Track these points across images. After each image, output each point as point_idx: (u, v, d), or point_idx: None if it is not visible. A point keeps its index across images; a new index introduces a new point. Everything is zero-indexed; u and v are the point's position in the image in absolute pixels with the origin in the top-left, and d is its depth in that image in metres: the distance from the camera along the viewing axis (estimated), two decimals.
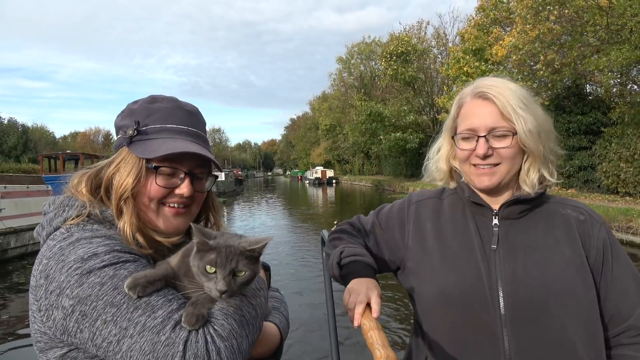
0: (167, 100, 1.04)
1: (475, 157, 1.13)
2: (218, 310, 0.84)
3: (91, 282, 0.80)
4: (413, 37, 38.97)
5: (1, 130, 47.53)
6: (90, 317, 0.79)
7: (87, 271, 0.81)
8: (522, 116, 1.09)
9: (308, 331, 6.03)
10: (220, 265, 0.82)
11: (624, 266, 1.12)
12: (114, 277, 0.82)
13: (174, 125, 1.01)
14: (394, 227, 1.28)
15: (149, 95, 1.06)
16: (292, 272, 9.56)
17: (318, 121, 74.65)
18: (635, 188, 15.08)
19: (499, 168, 1.12)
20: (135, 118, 0.99)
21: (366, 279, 1.11)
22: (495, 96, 1.10)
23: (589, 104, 18.79)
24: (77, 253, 0.83)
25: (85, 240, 0.86)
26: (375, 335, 0.85)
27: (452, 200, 1.26)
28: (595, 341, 1.05)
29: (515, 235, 1.13)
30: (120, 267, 0.84)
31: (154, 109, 1.01)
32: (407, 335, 5.66)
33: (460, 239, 1.16)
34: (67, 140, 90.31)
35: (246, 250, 0.84)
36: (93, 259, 0.83)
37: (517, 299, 1.05)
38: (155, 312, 0.79)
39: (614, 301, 1.09)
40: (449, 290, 1.11)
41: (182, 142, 0.99)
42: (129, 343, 0.77)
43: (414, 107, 38.46)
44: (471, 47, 24.69)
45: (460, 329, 1.08)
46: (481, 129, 1.12)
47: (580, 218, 1.14)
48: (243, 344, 0.84)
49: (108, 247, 0.86)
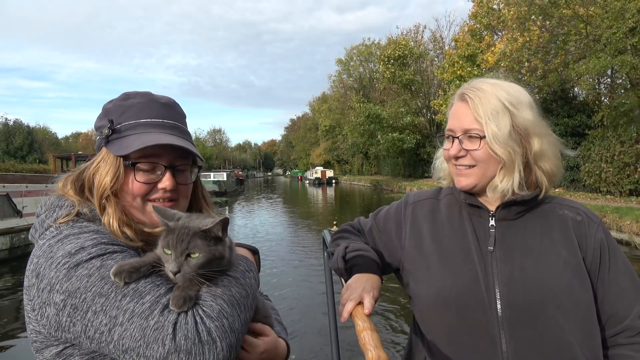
0: (140, 96, 1.03)
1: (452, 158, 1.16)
2: (206, 293, 0.84)
3: (79, 274, 0.80)
4: (410, 40, 40.09)
5: (7, 132, 48.48)
6: (81, 310, 0.79)
7: (74, 264, 0.81)
8: (493, 120, 1.08)
9: (308, 330, 6.09)
10: (172, 246, 0.82)
11: (621, 266, 1.11)
12: (101, 267, 0.82)
13: (148, 119, 1.00)
14: (391, 229, 1.29)
15: (123, 92, 1.05)
16: (292, 271, 9.64)
17: (318, 122, 75.43)
18: (615, 187, 16.10)
19: (473, 170, 1.13)
20: (110, 117, 0.99)
21: (367, 275, 1.12)
22: (472, 98, 1.11)
23: (575, 107, 19.85)
24: (65, 249, 0.84)
25: (73, 236, 0.86)
26: (368, 335, 0.85)
27: (448, 201, 1.25)
28: (593, 342, 1.05)
29: (512, 237, 1.12)
30: (107, 258, 0.84)
31: (127, 105, 1.01)
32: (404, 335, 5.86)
33: (456, 241, 1.16)
34: (69, 140, 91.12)
35: (200, 230, 0.83)
36: (80, 253, 0.83)
37: (514, 301, 1.05)
38: (143, 298, 0.79)
39: (611, 301, 1.09)
40: (445, 292, 1.10)
41: (156, 135, 0.98)
42: (120, 331, 0.76)
43: (411, 108, 39.46)
44: (463, 53, 25.69)
45: (458, 330, 1.09)
46: (457, 130, 1.13)
47: (577, 219, 1.14)
48: (235, 323, 0.83)
49: (95, 241, 0.86)
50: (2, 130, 48.43)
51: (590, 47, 14.67)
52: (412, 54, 37.83)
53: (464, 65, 25.93)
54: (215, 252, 0.85)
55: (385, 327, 6.25)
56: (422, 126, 39.42)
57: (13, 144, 48.04)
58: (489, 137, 1.08)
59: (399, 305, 6.97)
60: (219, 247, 0.86)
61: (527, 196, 1.12)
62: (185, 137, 1.05)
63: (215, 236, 0.86)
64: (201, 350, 0.76)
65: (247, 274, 0.95)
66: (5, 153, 46.50)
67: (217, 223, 0.84)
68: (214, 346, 0.77)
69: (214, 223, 0.84)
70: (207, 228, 0.84)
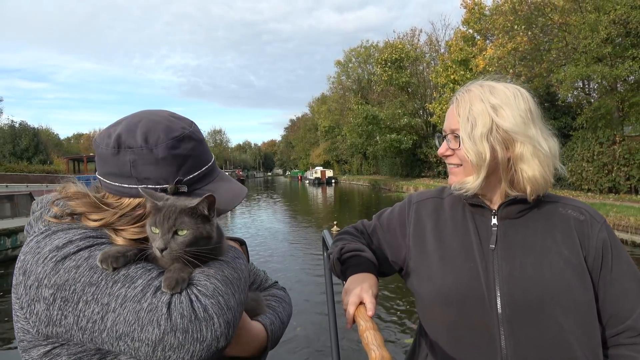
0: (187, 140, 0.92)
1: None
2: (199, 273, 0.82)
3: (67, 266, 0.78)
4: (407, 44, 41.33)
5: (13, 134, 49.55)
6: (72, 301, 0.76)
7: (62, 257, 0.79)
8: (469, 121, 1.09)
9: (308, 329, 6.09)
10: (159, 223, 0.81)
11: (624, 266, 1.10)
12: (89, 257, 0.79)
13: (207, 167, 0.97)
14: (396, 228, 1.30)
15: (170, 136, 0.89)
16: (292, 269, 9.74)
17: (317, 123, 76.37)
18: (595, 185, 17.34)
19: (460, 169, 1.15)
20: (174, 171, 0.90)
21: (363, 275, 1.14)
22: (457, 99, 1.14)
23: (560, 109, 21.07)
24: (52, 244, 0.81)
25: (62, 232, 0.84)
26: (370, 335, 0.86)
27: (452, 200, 1.26)
28: (592, 341, 1.05)
29: (514, 235, 1.12)
30: (95, 249, 0.81)
31: (183, 155, 0.91)
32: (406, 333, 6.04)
33: (459, 239, 1.17)
34: (71, 142, 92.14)
35: (187, 208, 0.82)
36: (68, 246, 0.81)
37: (514, 299, 1.05)
38: (135, 282, 0.77)
39: (613, 301, 1.08)
40: (446, 289, 1.12)
41: (229, 184, 0.99)
42: (113, 317, 0.74)
43: (408, 110, 40.57)
44: (457, 58, 26.85)
45: (458, 327, 1.10)
46: (446, 129, 1.17)
47: (580, 218, 1.13)
48: (230, 301, 0.80)
49: (83, 235, 0.84)
50: (9, 132, 49.47)
51: (570, 56, 15.89)
52: (408, 57, 39.14)
53: (457, 70, 27.06)
54: (202, 231, 0.84)
55: (391, 327, 6.38)
56: (418, 127, 40.51)
57: (19, 146, 49.06)
58: (461, 137, 1.11)
59: (409, 305, 7.01)
60: (206, 225, 0.85)
61: (521, 196, 1.12)
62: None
63: (202, 214, 0.84)
64: (198, 327, 0.74)
65: (237, 259, 0.92)
66: (12, 154, 47.56)
67: (202, 200, 0.82)
68: (211, 322, 0.76)
69: (199, 200, 0.82)
70: (193, 205, 0.83)
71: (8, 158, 45.30)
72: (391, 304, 7.31)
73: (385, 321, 6.57)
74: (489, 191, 1.16)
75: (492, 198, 1.17)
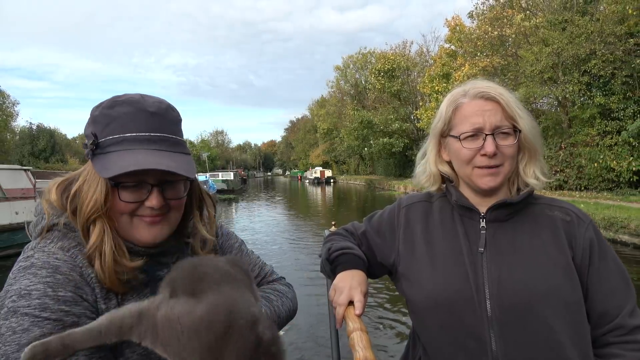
0: (127, 104, 0.91)
1: (480, 158, 1.14)
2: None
3: (8, 324, 0.77)
4: (398, 55, 44.84)
5: (31, 135, 52.92)
6: None
7: (12, 311, 0.78)
8: (523, 116, 1.12)
9: (308, 328, 6.11)
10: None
11: (611, 265, 1.12)
12: (26, 331, 0.76)
13: (134, 133, 0.90)
14: (385, 232, 1.31)
15: (112, 97, 0.94)
16: (292, 267, 9.83)
17: (317, 125, 78.74)
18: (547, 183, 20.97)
19: (502, 168, 1.13)
20: (95, 128, 0.91)
21: (352, 272, 1.15)
22: (500, 95, 1.13)
23: None
24: (20, 283, 0.81)
25: (33, 270, 0.83)
26: (357, 336, 0.86)
27: (441, 204, 1.27)
28: (582, 341, 1.06)
29: (502, 238, 1.14)
30: (36, 324, 0.77)
31: (113, 116, 0.91)
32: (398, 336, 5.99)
33: (448, 243, 1.18)
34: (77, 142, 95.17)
35: None
36: (25, 299, 0.79)
37: (503, 301, 1.06)
38: None
39: (601, 300, 1.09)
40: (436, 293, 1.12)
41: (141, 154, 0.89)
42: None
43: (399, 115, 44.03)
44: (440, 71, 30.35)
45: (448, 330, 1.11)
46: (487, 127, 1.12)
47: (566, 219, 1.15)
48: None
49: (45, 288, 0.81)
50: (27, 134, 52.86)
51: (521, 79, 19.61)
52: (399, 67, 42.71)
53: (440, 82, 30.57)
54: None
55: (383, 329, 6.36)
56: (409, 131, 43.84)
57: (37, 147, 52.43)
58: (525, 130, 1.11)
59: (403, 307, 6.85)
60: None
61: (516, 198, 1.14)
62: (175, 149, 0.95)
63: None
64: None
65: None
66: (31, 155, 50.97)
67: None
68: None
69: None
70: None
71: (27, 158, 48.71)
72: (384, 305, 7.32)
73: (377, 323, 6.55)
74: (499, 188, 1.17)
75: (491, 198, 1.18)
